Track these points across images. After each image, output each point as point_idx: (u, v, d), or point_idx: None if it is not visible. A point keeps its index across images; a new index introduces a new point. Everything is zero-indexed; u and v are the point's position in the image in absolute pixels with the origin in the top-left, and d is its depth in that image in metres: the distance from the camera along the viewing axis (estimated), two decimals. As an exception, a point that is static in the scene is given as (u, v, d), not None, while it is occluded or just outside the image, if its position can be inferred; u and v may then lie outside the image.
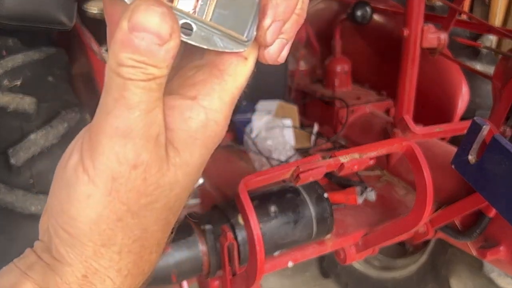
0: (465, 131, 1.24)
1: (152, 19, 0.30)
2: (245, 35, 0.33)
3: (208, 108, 0.34)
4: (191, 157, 0.35)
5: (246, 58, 0.35)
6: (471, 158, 1.21)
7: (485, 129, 1.17)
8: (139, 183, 0.33)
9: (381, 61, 2.13)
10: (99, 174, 0.32)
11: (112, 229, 0.33)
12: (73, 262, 0.34)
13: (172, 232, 0.39)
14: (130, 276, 0.35)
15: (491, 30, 1.79)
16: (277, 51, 0.36)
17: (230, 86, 0.35)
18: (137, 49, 0.30)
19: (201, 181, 1.49)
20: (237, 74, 0.35)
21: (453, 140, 1.68)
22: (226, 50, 0.33)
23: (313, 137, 1.95)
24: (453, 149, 1.42)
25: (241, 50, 0.33)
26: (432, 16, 1.84)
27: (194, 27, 0.32)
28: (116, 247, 0.34)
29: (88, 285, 0.34)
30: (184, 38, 0.32)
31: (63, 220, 0.33)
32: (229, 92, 0.35)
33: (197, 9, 0.32)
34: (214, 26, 0.32)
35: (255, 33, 0.33)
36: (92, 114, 0.38)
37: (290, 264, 1.36)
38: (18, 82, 1.26)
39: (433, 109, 1.88)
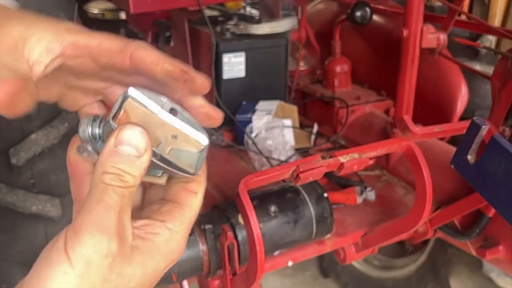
0: (464, 131, 1.24)
1: (134, 135, 0.41)
2: (193, 168, 0.46)
3: (173, 229, 0.45)
4: (151, 261, 0.43)
5: (196, 193, 0.49)
6: (471, 158, 1.21)
7: (484, 129, 1.17)
8: (105, 270, 0.40)
9: (381, 61, 2.13)
10: (78, 258, 0.39)
11: None
12: None
13: None
14: None
15: (491, 30, 1.79)
16: None
17: (188, 214, 0.47)
18: (119, 158, 0.41)
19: (201, 180, 1.49)
20: (192, 205, 0.48)
21: (453, 140, 1.68)
22: (179, 176, 0.47)
23: (313, 137, 1.95)
24: (453, 149, 1.43)
25: (190, 176, 0.47)
26: (431, 16, 1.84)
27: (158, 155, 0.43)
28: None
29: None
30: (153, 158, 0.43)
31: None
32: (187, 218, 0.47)
33: (159, 146, 0.44)
34: (170, 158, 0.44)
35: (200, 167, 0.47)
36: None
37: (290, 263, 1.37)
38: (19, 82, 1.26)
39: (432, 109, 1.89)
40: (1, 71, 0.42)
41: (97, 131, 0.45)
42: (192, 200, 0.48)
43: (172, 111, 0.45)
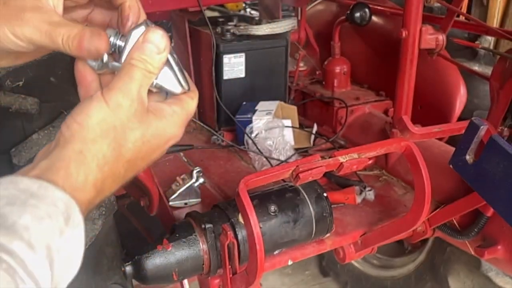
0: (463, 131, 1.25)
1: (156, 37, 0.57)
2: (186, 86, 0.63)
3: (175, 111, 0.61)
4: (160, 122, 0.59)
5: (192, 98, 0.63)
6: (469, 158, 1.22)
7: (483, 129, 1.18)
8: (130, 114, 0.56)
9: (380, 62, 2.14)
10: (111, 101, 0.55)
11: (107, 130, 0.55)
12: (75, 141, 0.54)
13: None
14: (110, 165, 0.56)
15: (489, 31, 1.80)
16: None
17: (186, 107, 0.62)
18: (143, 51, 0.57)
19: (202, 180, 1.50)
20: (189, 104, 0.62)
21: (451, 141, 1.69)
22: (178, 87, 0.63)
23: (312, 137, 1.96)
24: (451, 149, 1.44)
25: (185, 90, 0.63)
26: (430, 17, 1.85)
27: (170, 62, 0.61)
28: (106, 142, 0.55)
29: (82, 157, 0.53)
30: (170, 58, 0.60)
31: (81, 117, 0.55)
32: (186, 110, 0.62)
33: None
34: (175, 72, 0.62)
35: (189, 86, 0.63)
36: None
37: (289, 262, 1.38)
38: (20, 83, 1.27)
39: (431, 109, 1.89)
40: (51, 27, 0.56)
41: (117, 42, 0.59)
42: (189, 101, 0.62)
43: (172, 55, 0.60)
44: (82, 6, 0.64)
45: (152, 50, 0.56)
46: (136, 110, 0.56)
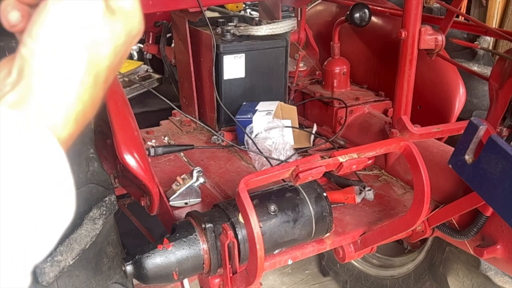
0: (462, 132, 1.25)
1: None
2: None
3: None
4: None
5: None
6: (468, 158, 1.23)
7: (482, 129, 1.19)
8: None
9: (379, 62, 2.15)
10: None
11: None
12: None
13: None
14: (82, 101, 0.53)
15: (488, 31, 1.81)
16: None
17: None
18: None
19: (202, 180, 1.51)
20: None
21: (450, 141, 1.70)
22: None
23: (312, 137, 1.97)
24: (450, 149, 1.44)
25: None
26: (429, 17, 1.86)
27: None
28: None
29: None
30: None
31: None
32: None
33: None
34: None
35: None
36: (95, 114, 0.55)
37: (289, 262, 1.38)
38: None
39: (430, 109, 1.90)
40: None
41: None
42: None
43: None
44: None
45: None
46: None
